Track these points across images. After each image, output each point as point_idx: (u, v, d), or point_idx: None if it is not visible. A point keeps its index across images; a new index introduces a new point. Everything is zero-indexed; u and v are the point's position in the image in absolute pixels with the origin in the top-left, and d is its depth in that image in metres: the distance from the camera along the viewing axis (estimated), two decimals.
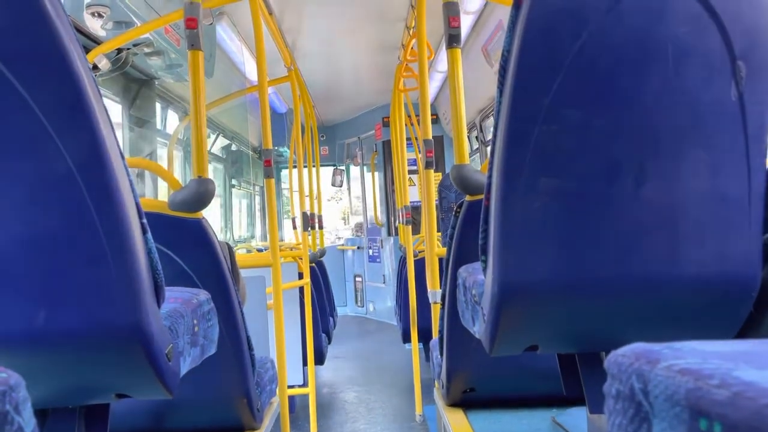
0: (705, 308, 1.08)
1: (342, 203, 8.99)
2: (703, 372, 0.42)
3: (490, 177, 1.09)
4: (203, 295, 1.36)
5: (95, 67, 3.01)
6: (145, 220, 0.99)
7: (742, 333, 1.11)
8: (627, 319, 1.10)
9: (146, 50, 3.39)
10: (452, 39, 1.88)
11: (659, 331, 1.13)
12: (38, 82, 0.85)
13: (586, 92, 0.99)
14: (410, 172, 6.49)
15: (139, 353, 0.96)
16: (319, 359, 3.87)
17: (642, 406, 0.46)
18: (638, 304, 1.07)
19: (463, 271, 1.43)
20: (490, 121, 5.47)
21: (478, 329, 1.22)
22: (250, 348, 1.77)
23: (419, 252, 4.24)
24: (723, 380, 0.40)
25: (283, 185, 8.62)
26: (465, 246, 1.66)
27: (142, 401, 1.40)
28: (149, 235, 1.00)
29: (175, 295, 1.26)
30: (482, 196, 1.23)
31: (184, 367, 1.15)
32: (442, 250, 2.55)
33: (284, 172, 8.29)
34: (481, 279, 1.21)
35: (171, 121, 4.87)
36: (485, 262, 1.13)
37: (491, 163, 1.08)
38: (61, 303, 0.91)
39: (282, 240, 7.15)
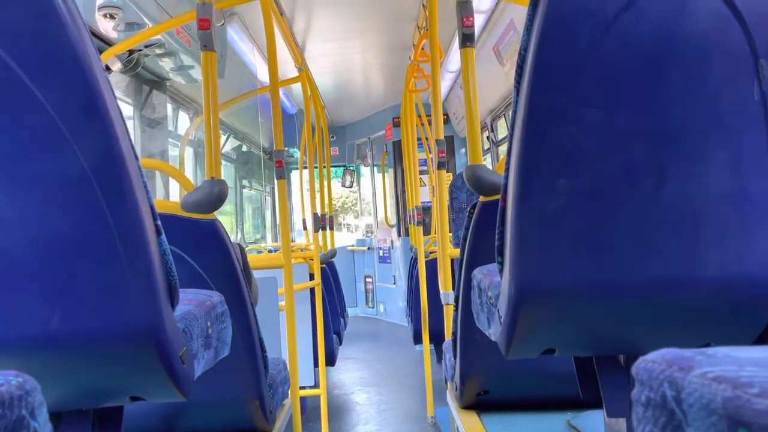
0: (726, 311, 1.06)
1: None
2: (741, 380, 0.40)
3: (506, 177, 1.07)
4: (216, 296, 1.36)
5: (107, 69, 3.01)
6: (159, 222, 0.98)
7: (764, 336, 1.09)
8: (647, 321, 1.08)
9: (158, 51, 3.40)
10: (466, 38, 1.86)
11: (679, 333, 1.11)
12: (53, 84, 0.85)
13: (605, 91, 0.98)
14: (421, 172, 6.48)
15: (154, 356, 0.96)
16: (330, 360, 3.86)
17: (675, 415, 0.45)
18: (658, 307, 1.05)
19: (478, 272, 1.42)
20: (502, 121, 5.45)
21: (494, 331, 1.20)
22: (263, 350, 1.76)
23: (430, 253, 4.22)
24: (763, 389, 0.38)
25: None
26: (479, 247, 1.65)
27: (155, 404, 1.39)
28: (163, 236, 0.99)
29: (188, 297, 1.25)
30: (497, 197, 1.21)
31: (198, 370, 1.14)
32: (455, 251, 2.54)
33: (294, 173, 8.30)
34: (497, 281, 1.20)
35: (182, 122, 4.88)
36: (501, 263, 1.11)
37: (508, 163, 1.07)
38: (76, 305, 0.90)
39: (293, 241, 7.15)
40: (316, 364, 3.52)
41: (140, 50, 3.37)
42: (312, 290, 3.48)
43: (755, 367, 0.43)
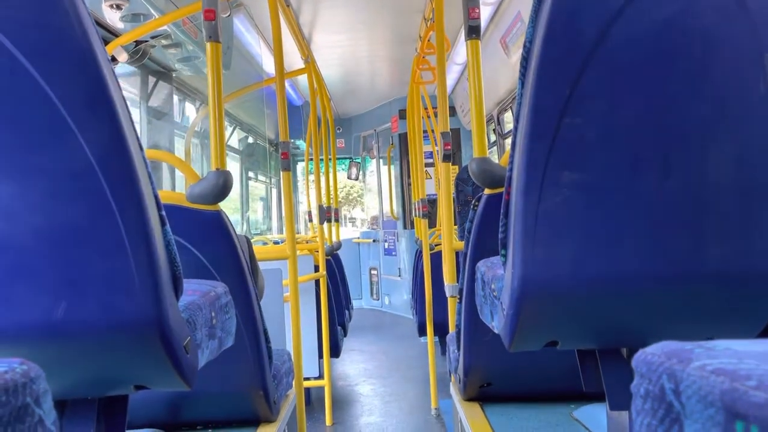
0: (730, 304, 1.06)
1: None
2: (739, 373, 0.40)
3: (511, 170, 1.07)
4: (221, 287, 1.36)
5: (114, 60, 3.02)
6: (163, 212, 0.99)
7: None
8: (650, 314, 1.08)
9: (164, 42, 3.40)
10: (472, 30, 1.85)
11: (683, 326, 1.11)
12: (59, 75, 0.85)
13: (610, 84, 0.97)
14: (426, 165, 6.47)
15: (158, 345, 0.96)
16: (335, 352, 3.87)
17: (673, 407, 0.45)
18: (662, 300, 1.05)
19: (482, 265, 1.42)
20: (509, 113, 5.43)
21: (497, 324, 1.21)
22: (267, 341, 1.77)
23: (435, 245, 4.22)
24: (761, 382, 0.38)
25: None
26: (483, 240, 1.65)
27: (159, 393, 1.39)
28: (168, 227, 1.00)
29: (193, 288, 1.26)
30: (502, 190, 1.21)
31: (202, 360, 1.15)
32: (459, 244, 2.54)
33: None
34: (501, 273, 1.20)
35: (188, 113, 4.89)
36: (505, 256, 1.11)
37: (512, 155, 1.06)
38: (81, 295, 0.91)
39: (298, 233, 7.16)
40: (320, 356, 3.53)
41: (147, 41, 3.37)
42: (317, 282, 3.49)
43: (754, 360, 0.43)
